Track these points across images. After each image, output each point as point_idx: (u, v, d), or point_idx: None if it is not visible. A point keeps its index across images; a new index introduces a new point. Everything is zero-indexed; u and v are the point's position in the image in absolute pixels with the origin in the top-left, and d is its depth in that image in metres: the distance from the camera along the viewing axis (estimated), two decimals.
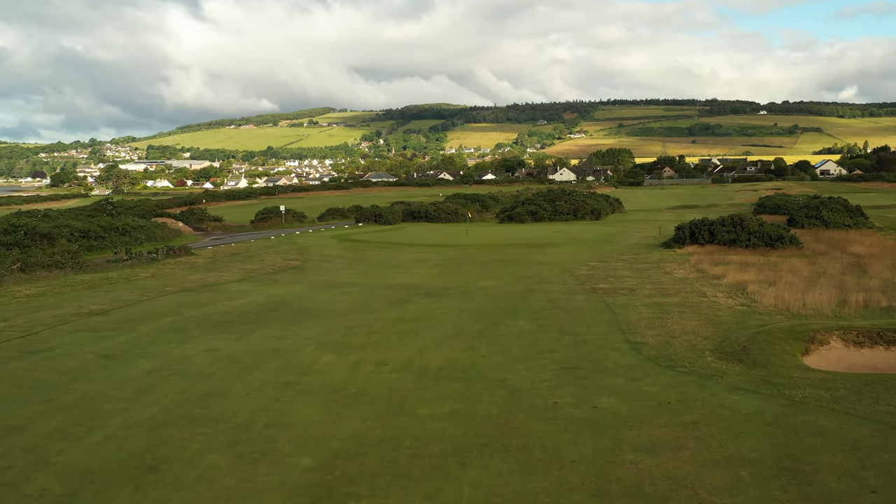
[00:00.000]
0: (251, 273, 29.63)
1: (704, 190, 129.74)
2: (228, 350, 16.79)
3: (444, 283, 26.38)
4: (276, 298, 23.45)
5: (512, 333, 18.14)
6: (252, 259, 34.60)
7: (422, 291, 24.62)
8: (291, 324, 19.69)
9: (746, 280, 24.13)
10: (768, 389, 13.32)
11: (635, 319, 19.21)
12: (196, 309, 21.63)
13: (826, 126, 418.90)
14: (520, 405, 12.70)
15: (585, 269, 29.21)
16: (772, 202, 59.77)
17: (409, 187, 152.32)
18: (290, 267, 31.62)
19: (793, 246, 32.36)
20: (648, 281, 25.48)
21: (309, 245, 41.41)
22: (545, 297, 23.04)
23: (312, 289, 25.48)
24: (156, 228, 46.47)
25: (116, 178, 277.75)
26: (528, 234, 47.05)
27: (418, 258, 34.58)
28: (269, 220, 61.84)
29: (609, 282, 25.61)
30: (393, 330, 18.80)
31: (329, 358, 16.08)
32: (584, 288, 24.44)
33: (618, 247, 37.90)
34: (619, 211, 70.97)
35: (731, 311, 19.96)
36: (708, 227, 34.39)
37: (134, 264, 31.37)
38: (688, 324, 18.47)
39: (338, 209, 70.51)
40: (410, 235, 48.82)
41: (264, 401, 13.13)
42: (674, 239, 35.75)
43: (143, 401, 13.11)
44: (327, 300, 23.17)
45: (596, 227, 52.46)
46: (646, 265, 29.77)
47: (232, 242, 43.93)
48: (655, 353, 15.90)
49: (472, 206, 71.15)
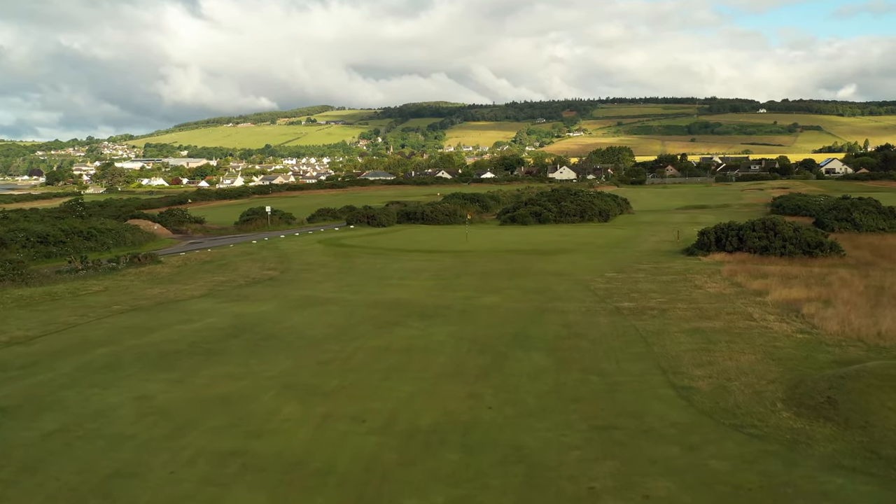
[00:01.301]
0: (219, 286, 25.92)
1: (709, 189, 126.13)
2: (164, 398, 13.14)
3: (440, 300, 22.73)
4: (241, 320, 19.78)
5: (524, 372, 14.52)
6: (224, 268, 30.88)
7: (414, 311, 20.96)
8: (252, 356, 16.04)
9: (796, 298, 20.51)
10: (880, 467, 9.73)
11: (675, 352, 15.58)
12: (140, 336, 17.96)
13: (825, 124, 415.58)
14: (543, 493, 9.12)
15: (602, 281, 25.57)
16: (791, 202, 56.00)
17: (406, 186, 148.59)
18: (265, 278, 27.91)
19: (833, 254, 28.76)
20: (679, 298, 21.84)
21: (292, 251, 37.65)
22: (560, 319, 19.39)
23: (286, 307, 21.81)
24: (126, 232, 42.50)
25: (112, 176, 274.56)
26: (533, 239, 43.35)
27: (412, 267, 30.90)
28: (253, 222, 57.81)
29: (633, 298, 21.96)
30: (376, 366, 15.17)
31: (292, 409, 12.48)
32: (605, 307, 20.79)
33: (634, 253, 34.24)
34: (627, 212, 67.03)
35: (791, 340, 16.33)
36: (736, 233, 30.76)
37: (88, 275, 27.68)
38: (743, 359, 14.85)
39: (329, 210, 66.50)
40: (405, 239, 45.08)
41: (191, 484, 9.54)
42: (697, 245, 32.11)
43: (22, 486, 9.47)
44: (301, 323, 19.51)
45: (606, 231, 48.70)
46: (671, 277, 26.14)
47: (209, 248, 40.15)
48: (711, 403, 12.30)
49: (472, 207, 67.22)
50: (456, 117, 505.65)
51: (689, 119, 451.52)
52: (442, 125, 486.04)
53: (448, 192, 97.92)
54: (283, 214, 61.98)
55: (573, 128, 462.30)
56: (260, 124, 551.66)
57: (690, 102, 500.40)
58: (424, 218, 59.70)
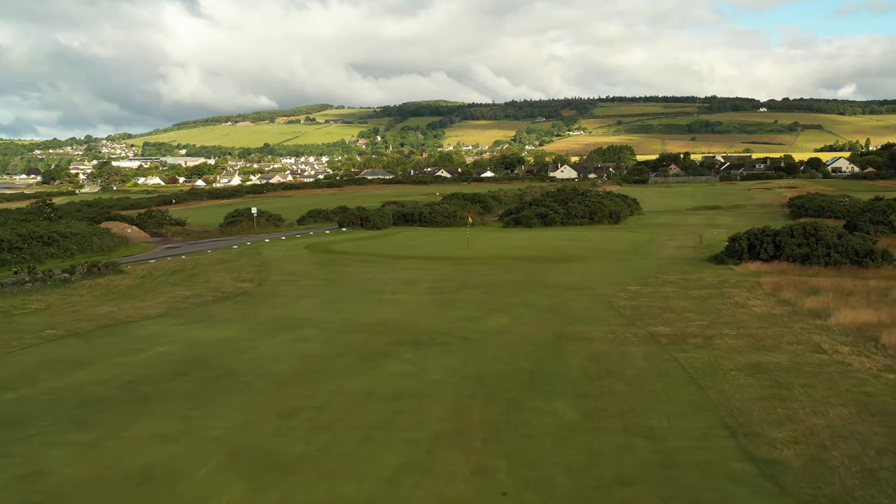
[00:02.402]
0: (181, 303, 22.39)
1: (716, 188, 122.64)
2: (62, 476, 9.67)
3: (437, 321, 19.27)
4: (195, 351, 16.29)
5: (547, 431, 11.07)
6: (193, 280, 27.35)
7: (406, 336, 17.49)
8: (199, 404, 12.58)
9: (866, 321, 17.06)
10: None
11: (740, 402, 12.12)
12: (64, 374, 14.47)
13: (826, 123, 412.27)
14: None
15: (626, 296, 22.11)
16: (813, 203, 52.36)
17: (405, 185, 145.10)
18: (238, 292, 24.39)
19: (886, 263, 25.28)
20: (723, 320, 18.38)
21: (274, 258, 34.05)
22: (584, 349, 15.91)
23: (254, 331, 18.33)
24: (94, 236, 38.77)
25: (108, 175, 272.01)
26: (541, 243, 39.77)
27: (406, 278, 27.41)
28: (238, 225, 53.89)
29: (667, 321, 18.50)
30: (355, 420, 11.72)
31: (234, 496, 9.02)
32: (637, 333, 17.33)
33: (655, 261, 30.72)
34: (637, 213, 63.17)
35: (883, 383, 12.88)
36: (772, 238, 27.29)
37: (34, 289, 24.15)
38: (832, 414, 11.39)
39: (321, 211, 62.60)
40: (400, 244, 41.44)
41: None
42: (728, 252, 28.61)
43: None
44: (268, 354, 16.02)
45: (618, 234, 45.03)
46: (705, 291, 22.65)
47: (184, 254, 36.48)
48: (812, 490, 8.87)
49: (473, 208, 63.40)
50: (455, 116, 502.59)
51: (689, 118, 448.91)
52: (441, 124, 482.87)
53: (448, 191, 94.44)
54: (271, 216, 58.08)
55: (573, 126, 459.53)
56: (259, 123, 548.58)
57: (690, 101, 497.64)
58: (422, 220, 55.90)
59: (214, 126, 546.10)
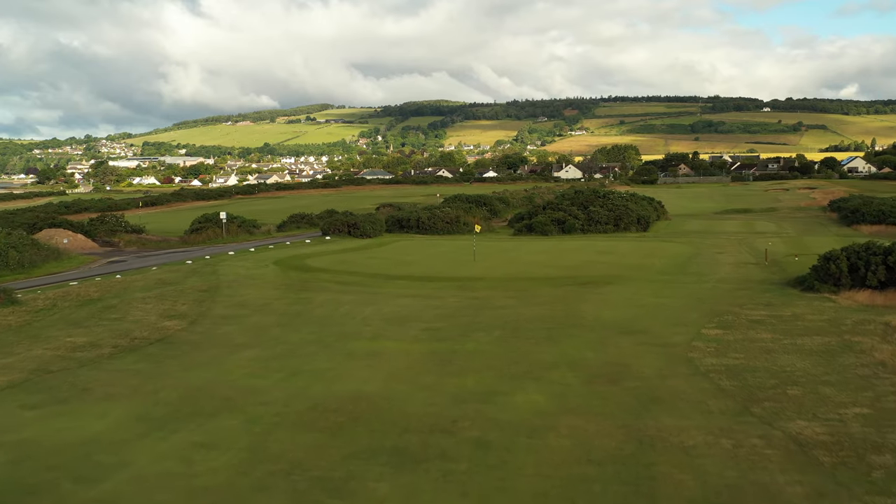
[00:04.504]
0: (62, 360, 15.44)
1: (731, 189, 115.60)
2: None
3: (435, 400, 12.37)
4: (14, 472, 9.37)
5: None
6: (104, 315, 20.33)
7: (384, 437, 10.58)
8: None
9: None
10: None
11: None
12: None
13: (830, 123, 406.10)
14: None
15: (710, 350, 15.16)
16: (870, 208, 45.13)
17: (405, 185, 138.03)
18: (155, 338, 17.40)
19: None
20: (882, 399, 11.47)
21: (229, 279, 26.83)
22: (693, 479, 8.99)
23: (141, 422, 11.43)
24: (11, 249, 31.71)
25: (103, 174, 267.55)
26: (564, 258, 32.55)
27: (394, 312, 20.41)
28: (204, 232, 46.03)
29: (802, 406, 11.57)
30: None
31: None
32: (765, 435, 10.38)
33: (716, 286, 23.65)
34: (664, 217, 55.59)
35: None
36: (883, 259, 20.37)
37: None
38: None
39: (305, 216, 54.90)
40: (392, 258, 34.14)
41: None
42: (819, 276, 21.60)
43: None
44: (137, 482, 9.10)
45: (654, 245, 37.43)
46: (819, 339, 15.70)
47: (118, 274, 28.84)
48: None
49: (479, 212, 55.48)
50: (457, 116, 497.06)
51: (692, 118, 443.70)
52: (443, 124, 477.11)
53: (449, 192, 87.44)
54: (245, 222, 50.02)
55: (575, 126, 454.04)
56: (259, 123, 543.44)
57: (693, 101, 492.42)
58: (420, 226, 48.34)
59: (215, 126, 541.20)
